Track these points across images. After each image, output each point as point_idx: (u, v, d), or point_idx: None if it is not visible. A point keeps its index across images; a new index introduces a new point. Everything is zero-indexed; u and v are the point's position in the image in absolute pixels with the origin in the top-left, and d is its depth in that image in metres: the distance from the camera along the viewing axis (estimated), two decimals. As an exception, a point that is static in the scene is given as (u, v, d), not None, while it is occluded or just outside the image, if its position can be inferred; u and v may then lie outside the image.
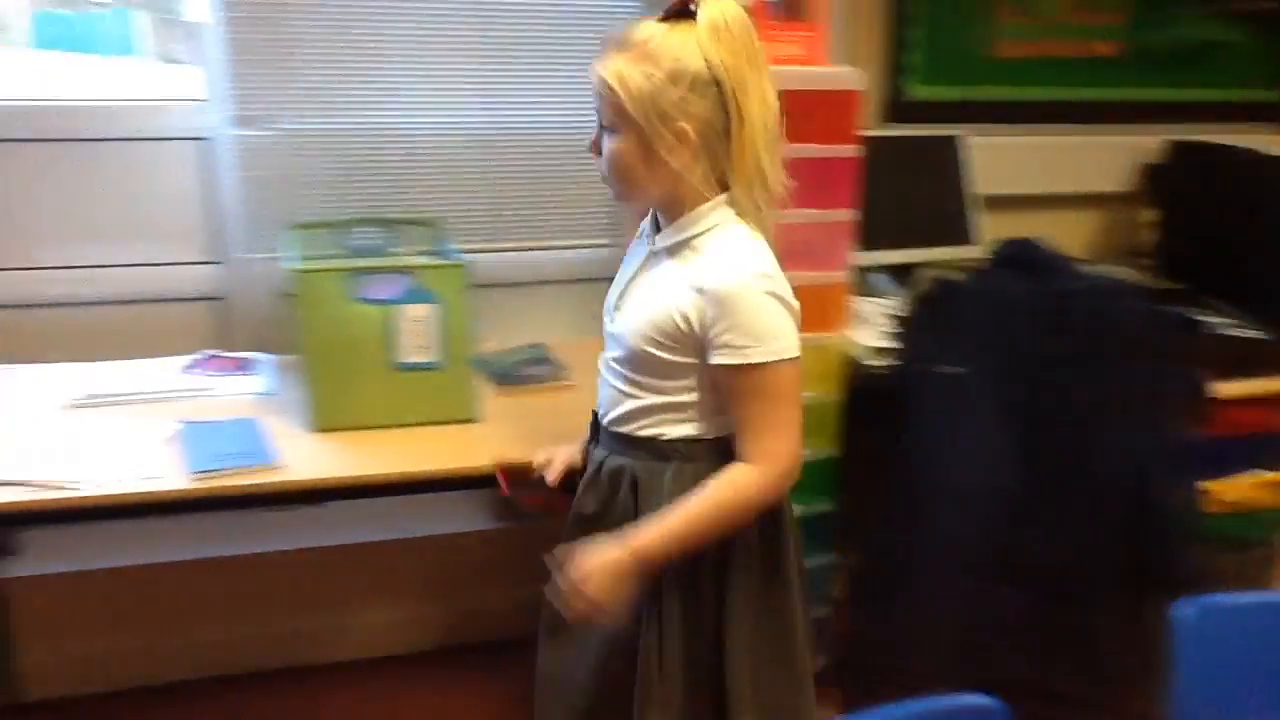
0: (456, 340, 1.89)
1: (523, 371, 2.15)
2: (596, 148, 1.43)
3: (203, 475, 1.66)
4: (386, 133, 2.27)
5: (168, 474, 1.67)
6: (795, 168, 1.42)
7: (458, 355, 1.90)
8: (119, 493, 1.62)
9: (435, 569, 2.56)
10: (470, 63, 2.29)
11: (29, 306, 2.15)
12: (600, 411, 1.53)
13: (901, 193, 2.46)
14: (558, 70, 2.35)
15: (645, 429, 1.46)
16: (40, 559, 2.22)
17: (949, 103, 2.63)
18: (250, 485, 1.68)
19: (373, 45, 2.21)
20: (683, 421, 1.44)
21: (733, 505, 1.40)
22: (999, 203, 2.56)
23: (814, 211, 1.81)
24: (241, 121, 2.14)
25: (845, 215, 1.94)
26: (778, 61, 1.54)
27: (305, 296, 1.80)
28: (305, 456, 1.77)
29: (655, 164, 1.37)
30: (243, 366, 2.14)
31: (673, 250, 1.42)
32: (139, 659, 2.39)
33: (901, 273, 2.39)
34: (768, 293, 1.36)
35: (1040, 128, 2.71)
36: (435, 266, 1.87)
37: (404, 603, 2.56)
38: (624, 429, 1.48)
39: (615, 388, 1.48)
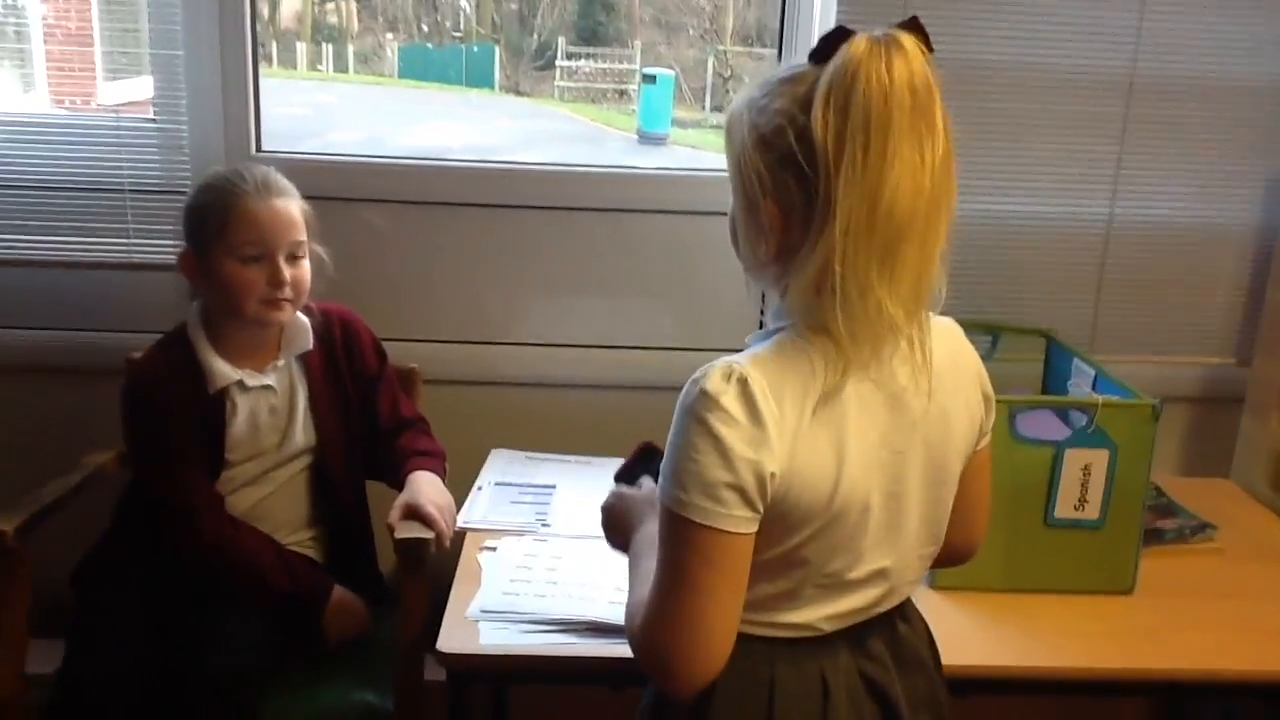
0: (1128, 495, 1.51)
1: (1156, 525, 1.73)
2: None
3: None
4: (981, 223, 1.94)
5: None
6: None
7: (1125, 513, 1.52)
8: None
9: None
10: (1100, 144, 1.94)
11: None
12: None
13: None
14: (1185, 158, 1.97)
15: None
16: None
17: None
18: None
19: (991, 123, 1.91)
20: None
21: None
22: None
23: None
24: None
25: None
26: None
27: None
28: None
29: (746, 239, 1.04)
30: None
31: None
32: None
33: None
34: (694, 412, 0.96)
35: None
36: (1118, 405, 1.50)
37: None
38: None
39: None
